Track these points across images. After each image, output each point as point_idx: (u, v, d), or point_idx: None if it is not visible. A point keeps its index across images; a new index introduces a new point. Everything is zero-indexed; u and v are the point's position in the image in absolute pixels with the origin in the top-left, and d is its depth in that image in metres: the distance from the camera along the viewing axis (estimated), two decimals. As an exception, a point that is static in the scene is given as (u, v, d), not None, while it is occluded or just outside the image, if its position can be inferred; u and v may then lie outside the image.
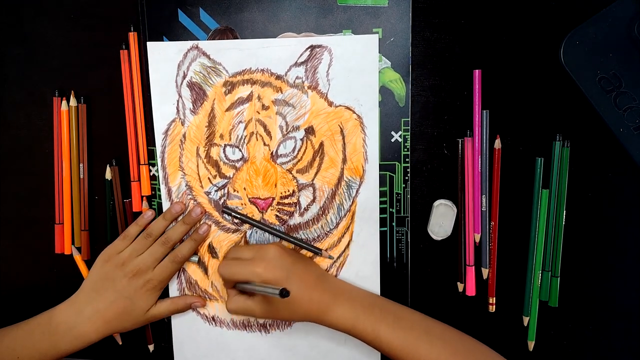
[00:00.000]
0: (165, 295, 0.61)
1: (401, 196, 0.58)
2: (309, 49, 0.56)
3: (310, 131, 0.57)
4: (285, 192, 0.58)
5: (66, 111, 0.60)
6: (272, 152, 0.57)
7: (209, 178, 0.59)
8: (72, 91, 0.60)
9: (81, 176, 0.61)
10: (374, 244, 0.59)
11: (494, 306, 0.59)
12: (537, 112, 0.56)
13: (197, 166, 0.59)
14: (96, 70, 0.60)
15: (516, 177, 0.57)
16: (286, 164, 0.58)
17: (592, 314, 0.59)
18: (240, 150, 0.58)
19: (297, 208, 0.58)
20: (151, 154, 0.60)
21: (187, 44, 0.57)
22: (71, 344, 0.56)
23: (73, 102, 0.60)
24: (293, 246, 0.59)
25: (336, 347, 0.61)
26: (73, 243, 0.62)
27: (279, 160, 0.58)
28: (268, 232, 0.59)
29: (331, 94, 0.57)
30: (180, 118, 0.58)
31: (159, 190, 0.60)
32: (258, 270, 0.52)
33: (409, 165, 0.58)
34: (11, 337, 0.56)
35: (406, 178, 0.58)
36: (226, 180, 0.58)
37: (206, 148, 0.58)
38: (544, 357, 0.60)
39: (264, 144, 0.57)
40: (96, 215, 0.62)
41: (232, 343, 0.62)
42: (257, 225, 0.58)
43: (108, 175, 0.61)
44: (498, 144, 0.56)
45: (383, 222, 0.59)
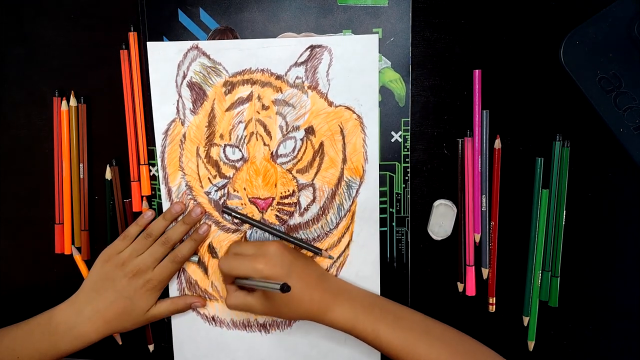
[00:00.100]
0: (165, 295, 0.61)
1: (401, 196, 0.58)
2: (309, 49, 0.56)
3: (310, 131, 0.57)
4: (285, 192, 0.58)
5: (66, 111, 0.60)
6: (272, 152, 0.57)
7: (209, 178, 0.59)
8: (72, 91, 0.60)
9: (81, 176, 0.61)
10: (374, 244, 0.59)
11: (494, 306, 0.59)
12: (537, 112, 0.56)
13: (197, 166, 0.59)
14: (96, 70, 0.60)
15: (516, 177, 0.57)
16: (286, 164, 0.58)
17: (592, 314, 0.59)
18: (240, 150, 0.58)
19: (297, 208, 0.58)
20: (151, 154, 0.60)
21: (187, 44, 0.57)
22: (71, 344, 0.56)
23: (73, 102, 0.60)
24: (293, 246, 0.59)
25: (336, 347, 0.61)
26: (73, 243, 0.62)
27: (279, 160, 0.58)
28: (268, 232, 0.59)
29: (331, 94, 0.57)
30: (180, 118, 0.58)
31: (159, 190, 0.60)
32: (259, 266, 0.52)
33: (409, 165, 0.58)
34: (11, 337, 0.56)
35: (406, 178, 0.58)
36: (226, 180, 0.58)
37: (206, 148, 0.58)
38: (544, 357, 0.60)
39: (264, 144, 0.57)
40: (96, 215, 0.62)
41: (232, 343, 0.62)
42: (257, 225, 0.58)
43: (108, 175, 0.61)
44: (498, 144, 0.56)
45: (383, 222, 0.59)
